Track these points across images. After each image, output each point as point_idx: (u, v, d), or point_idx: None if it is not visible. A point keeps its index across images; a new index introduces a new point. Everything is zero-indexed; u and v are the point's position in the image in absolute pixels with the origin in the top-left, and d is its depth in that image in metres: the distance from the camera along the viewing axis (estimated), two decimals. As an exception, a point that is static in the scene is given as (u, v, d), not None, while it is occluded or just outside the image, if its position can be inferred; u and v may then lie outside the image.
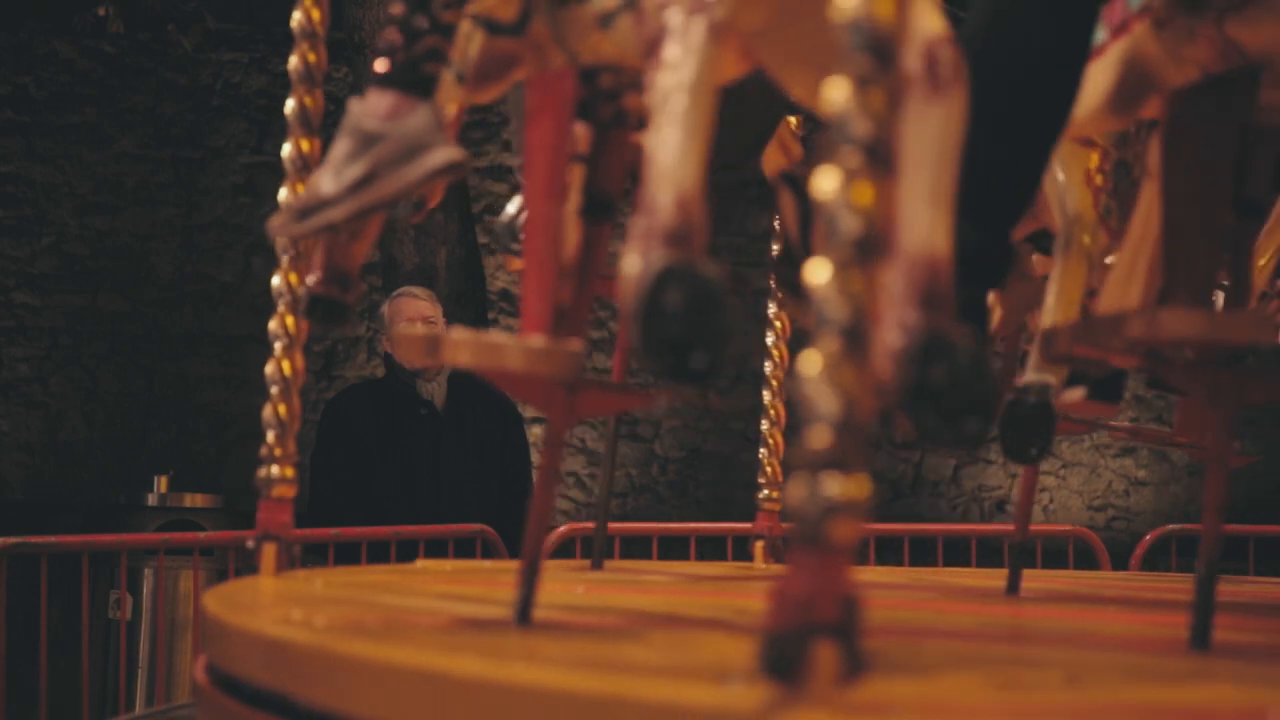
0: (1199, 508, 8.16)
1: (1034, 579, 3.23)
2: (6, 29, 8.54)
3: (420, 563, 3.31)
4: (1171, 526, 5.68)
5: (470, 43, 1.91)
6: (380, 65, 1.85)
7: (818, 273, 1.11)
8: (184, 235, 8.58)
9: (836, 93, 1.13)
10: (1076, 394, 2.32)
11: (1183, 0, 1.90)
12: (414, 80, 1.82)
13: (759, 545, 3.32)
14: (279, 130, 9.62)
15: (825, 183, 1.12)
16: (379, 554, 4.63)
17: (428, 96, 1.82)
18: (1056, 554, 5.40)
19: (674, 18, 1.55)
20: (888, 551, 5.39)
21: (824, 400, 1.09)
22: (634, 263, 1.46)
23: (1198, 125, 1.91)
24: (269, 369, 2.42)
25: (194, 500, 6.98)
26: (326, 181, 1.83)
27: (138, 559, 5.85)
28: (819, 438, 1.09)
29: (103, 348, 8.50)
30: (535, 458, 8.38)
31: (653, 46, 1.58)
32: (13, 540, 4.46)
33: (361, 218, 1.83)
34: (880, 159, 1.13)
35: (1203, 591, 1.69)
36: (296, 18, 2.44)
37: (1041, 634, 2.06)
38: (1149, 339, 1.74)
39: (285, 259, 2.47)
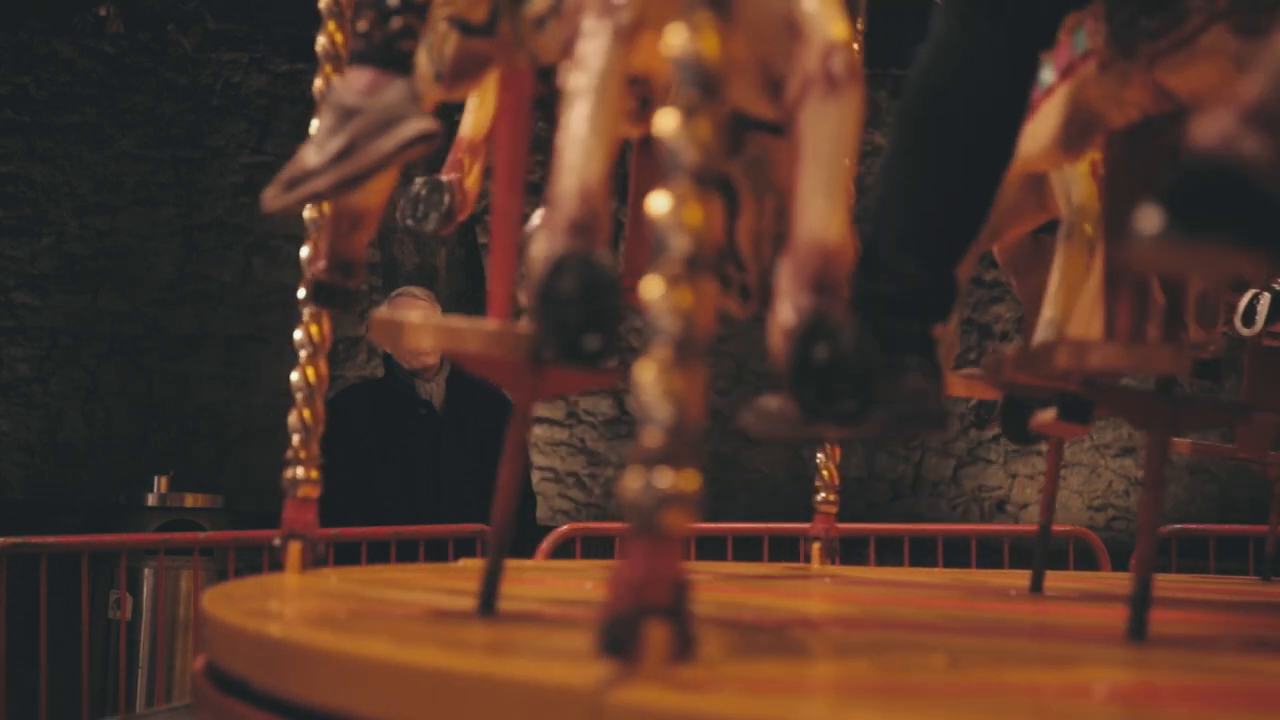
0: (1199, 508, 8.18)
1: (1074, 579, 3.30)
2: (6, 29, 8.54)
3: (462, 561, 3.43)
4: (1172, 526, 5.68)
5: (446, 43, 2.02)
6: (357, 44, 1.96)
7: (651, 288, 1.21)
8: (184, 235, 8.58)
9: (667, 122, 1.23)
10: (1048, 414, 2.40)
11: (1116, 46, 2.00)
12: (389, 57, 1.93)
13: (816, 546, 3.40)
14: (279, 130, 9.59)
15: (658, 205, 1.22)
16: (379, 554, 4.63)
17: (403, 72, 1.93)
18: (1057, 554, 5.38)
19: (586, 21, 1.66)
20: (888, 551, 5.38)
21: (657, 404, 1.20)
22: (539, 250, 1.59)
23: (1132, 165, 2.01)
24: (294, 376, 2.53)
25: (194, 500, 6.98)
26: (311, 154, 1.95)
27: (138, 559, 5.86)
28: (652, 437, 1.19)
29: (103, 348, 8.50)
30: (535, 458, 8.39)
31: (568, 48, 1.69)
32: (13, 540, 4.46)
33: (344, 187, 1.94)
34: (708, 183, 1.22)
35: (1139, 589, 1.78)
36: (321, 42, 2.52)
37: (990, 625, 2.12)
38: (1077, 369, 1.85)
39: (310, 270, 2.55)
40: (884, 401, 1.87)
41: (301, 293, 2.50)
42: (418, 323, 1.86)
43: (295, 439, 2.52)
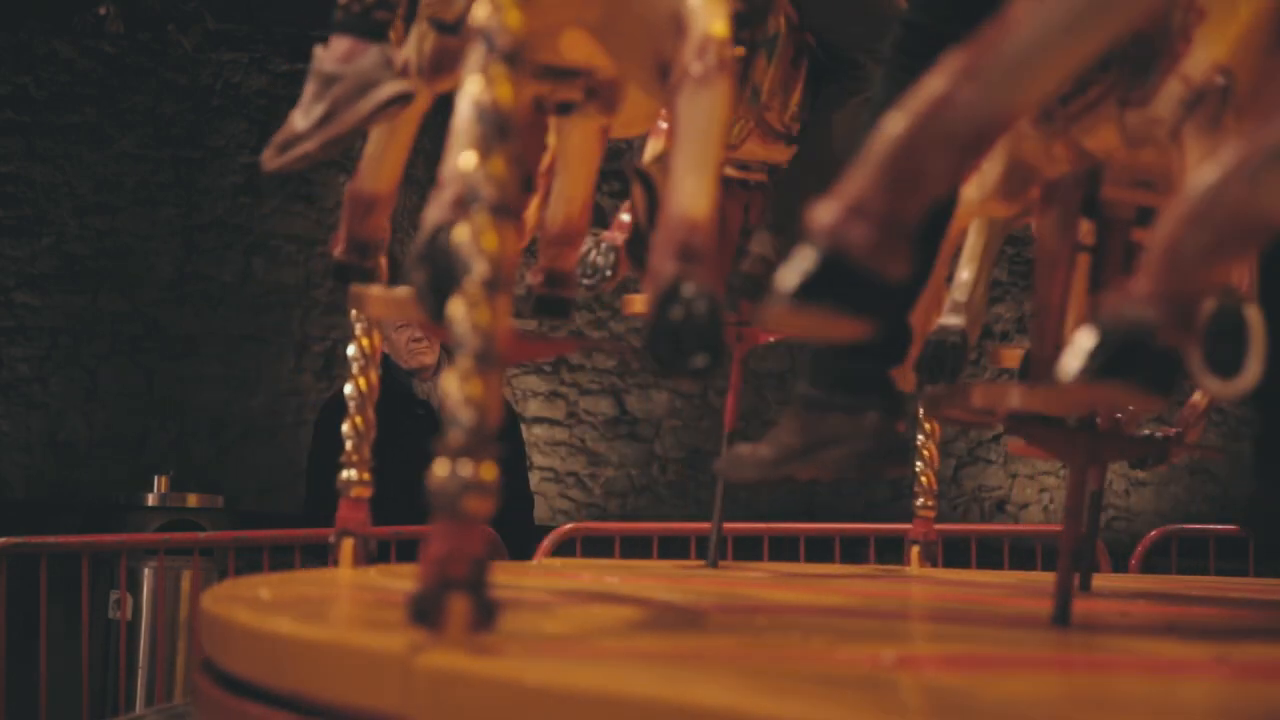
0: (1199, 508, 8.18)
1: (1116, 580, 3.44)
2: (6, 29, 8.54)
3: (538, 560, 3.65)
4: (1172, 526, 5.68)
5: (425, 41, 2.17)
6: (337, 14, 2.13)
7: (455, 308, 1.39)
8: (184, 235, 8.58)
9: (465, 161, 1.41)
10: (1019, 439, 2.51)
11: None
12: (366, 26, 2.10)
13: (914, 550, 3.56)
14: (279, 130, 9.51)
15: (460, 234, 1.41)
16: (379, 554, 4.63)
17: (379, 39, 2.11)
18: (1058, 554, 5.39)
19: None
20: (888, 551, 5.38)
21: (459, 408, 1.37)
22: (426, 220, 1.75)
23: (1055, 215, 2.20)
24: (348, 388, 2.77)
25: (194, 500, 6.99)
26: (298, 119, 2.12)
27: (138, 559, 5.86)
28: (455, 436, 1.37)
29: (103, 348, 8.50)
30: (535, 457, 8.39)
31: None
32: (13, 540, 4.47)
33: (331, 148, 2.11)
34: (504, 213, 1.40)
35: (1061, 586, 1.99)
36: None
37: (940, 614, 2.24)
38: (992, 408, 1.99)
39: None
40: (847, 439, 2.10)
41: (353, 312, 2.74)
42: (374, 295, 2.06)
43: (349, 444, 2.76)
